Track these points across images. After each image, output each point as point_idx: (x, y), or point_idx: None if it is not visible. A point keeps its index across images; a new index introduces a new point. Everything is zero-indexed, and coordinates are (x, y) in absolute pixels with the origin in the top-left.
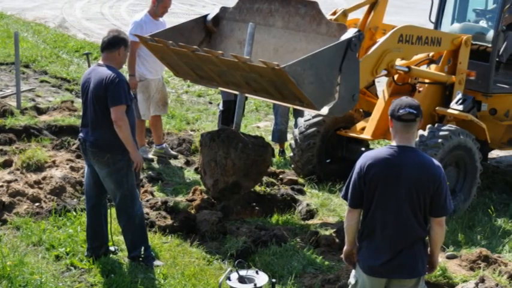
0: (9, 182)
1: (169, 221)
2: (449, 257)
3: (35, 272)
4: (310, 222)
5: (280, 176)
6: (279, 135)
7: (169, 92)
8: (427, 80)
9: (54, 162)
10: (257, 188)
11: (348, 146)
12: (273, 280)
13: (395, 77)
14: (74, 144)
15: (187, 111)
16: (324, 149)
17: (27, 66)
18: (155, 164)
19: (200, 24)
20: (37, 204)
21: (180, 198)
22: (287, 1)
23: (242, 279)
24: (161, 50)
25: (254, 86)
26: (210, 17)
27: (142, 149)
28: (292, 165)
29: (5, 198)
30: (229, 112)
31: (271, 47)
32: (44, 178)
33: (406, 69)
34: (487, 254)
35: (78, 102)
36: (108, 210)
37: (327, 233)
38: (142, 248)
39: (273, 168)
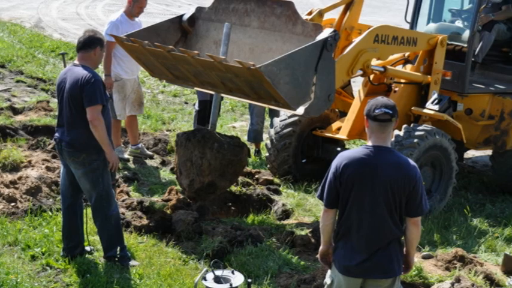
0: None
1: (145, 221)
2: (425, 257)
3: (11, 272)
4: (285, 222)
5: (256, 176)
6: (255, 135)
7: (145, 92)
8: (402, 80)
9: (30, 162)
10: (233, 188)
11: (323, 146)
12: (249, 280)
13: (371, 77)
14: (49, 144)
15: (163, 111)
16: (300, 149)
17: (2, 66)
18: (131, 164)
19: (176, 24)
20: (13, 204)
21: (155, 198)
22: (263, 1)
23: (218, 279)
24: (137, 50)
25: (230, 86)
26: (185, 17)
27: (118, 149)
28: (268, 165)
29: None
30: (205, 112)
31: (246, 47)
32: (19, 178)
33: (382, 69)
34: (463, 254)
35: (54, 102)
36: (84, 210)
37: (303, 233)
38: (118, 248)
39: (248, 168)
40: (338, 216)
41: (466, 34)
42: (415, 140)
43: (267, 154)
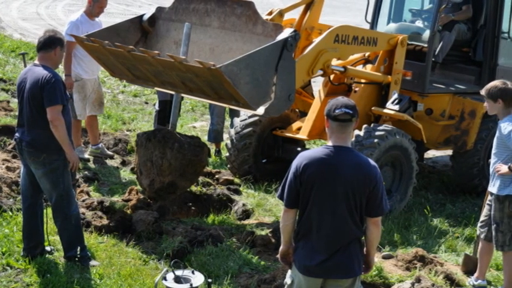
0: None
1: (105, 221)
2: (385, 257)
3: None
4: (246, 222)
5: (216, 176)
6: (215, 135)
7: (105, 92)
8: (363, 80)
9: None
10: (193, 188)
11: (284, 146)
12: (209, 280)
13: (331, 77)
14: (10, 144)
15: (123, 111)
16: (260, 149)
17: None
18: (91, 164)
19: (136, 24)
20: None
21: (116, 198)
22: (223, 1)
23: (178, 279)
24: (97, 50)
25: (190, 86)
26: (146, 17)
27: (78, 149)
28: (228, 165)
29: None
30: (165, 112)
31: (207, 47)
32: None
33: (342, 69)
34: (423, 254)
35: (14, 102)
36: (44, 210)
37: (263, 233)
38: (78, 248)
39: (209, 168)
40: (298, 216)
41: (427, 34)
42: (375, 140)
43: (227, 154)
